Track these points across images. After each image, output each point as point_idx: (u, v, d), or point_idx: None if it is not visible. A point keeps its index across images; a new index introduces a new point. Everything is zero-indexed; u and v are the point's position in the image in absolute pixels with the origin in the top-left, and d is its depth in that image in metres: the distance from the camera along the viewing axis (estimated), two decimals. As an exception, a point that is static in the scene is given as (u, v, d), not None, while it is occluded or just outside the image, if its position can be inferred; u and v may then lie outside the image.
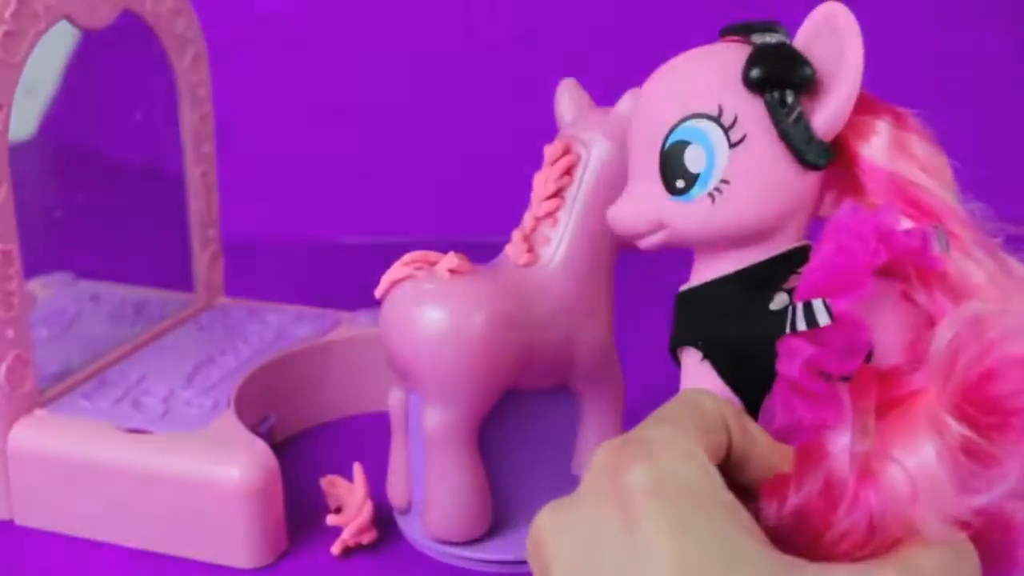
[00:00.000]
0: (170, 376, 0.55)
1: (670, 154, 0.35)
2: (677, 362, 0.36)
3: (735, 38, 0.36)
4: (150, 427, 0.50)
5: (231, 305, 0.64)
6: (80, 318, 0.62)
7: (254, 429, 0.53)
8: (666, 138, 0.35)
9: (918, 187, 0.35)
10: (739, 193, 0.35)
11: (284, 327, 0.60)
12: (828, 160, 0.35)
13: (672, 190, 0.35)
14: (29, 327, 0.50)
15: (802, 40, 0.35)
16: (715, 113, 0.35)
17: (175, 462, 0.48)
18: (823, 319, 0.32)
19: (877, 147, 0.35)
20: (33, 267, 0.55)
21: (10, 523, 0.51)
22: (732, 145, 0.34)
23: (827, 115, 0.35)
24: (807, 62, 0.35)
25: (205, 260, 0.63)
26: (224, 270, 0.65)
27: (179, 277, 0.63)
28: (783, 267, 0.36)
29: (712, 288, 0.36)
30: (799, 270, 0.35)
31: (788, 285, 0.35)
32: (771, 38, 0.35)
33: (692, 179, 0.35)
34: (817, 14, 0.35)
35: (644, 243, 0.37)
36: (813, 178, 0.35)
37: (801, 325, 0.32)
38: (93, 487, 0.49)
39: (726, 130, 0.34)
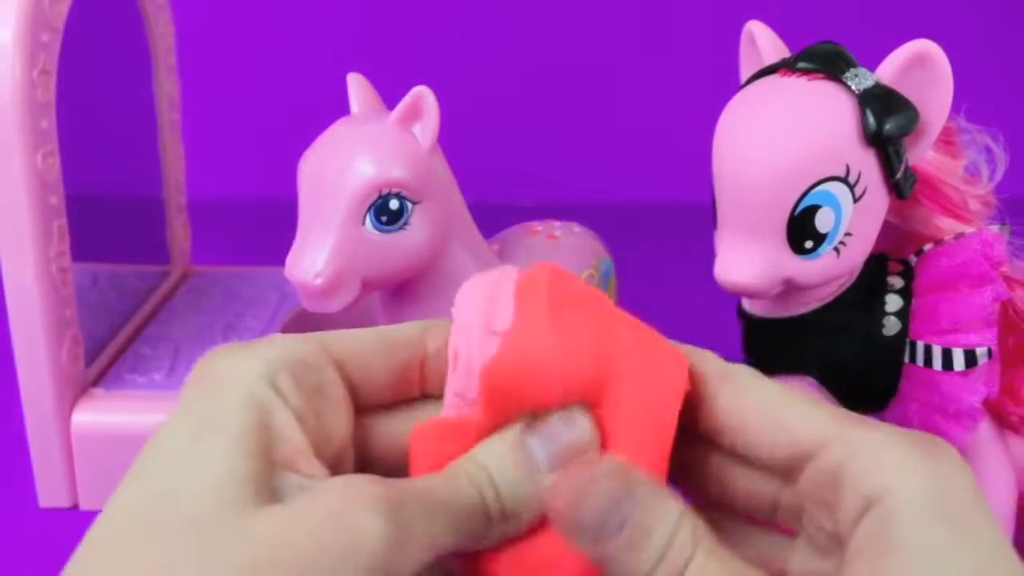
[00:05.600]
0: (206, 343, 0.55)
1: (801, 219, 0.34)
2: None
3: (820, 76, 0.34)
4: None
5: (212, 271, 0.64)
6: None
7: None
8: (796, 204, 0.34)
9: (948, 185, 0.37)
10: (858, 242, 0.35)
11: (280, 286, 0.61)
12: (914, 187, 0.35)
13: (799, 250, 0.34)
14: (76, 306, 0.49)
15: (890, 76, 0.34)
16: (843, 174, 0.34)
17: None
18: (984, 359, 0.35)
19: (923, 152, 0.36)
20: None
21: (74, 509, 0.50)
22: (856, 200, 0.34)
23: (918, 152, 0.35)
24: (916, 109, 0.34)
25: (178, 229, 0.63)
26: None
27: (151, 248, 0.62)
28: (874, 279, 0.37)
29: (819, 315, 0.37)
30: (890, 281, 0.37)
31: (889, 308, 0.37)
32: (864, 79, 0.34)
33: (821, 239, 0.34)
34: (909, 51, 0.34)
35: (763, 295, 0.36)
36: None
37: (959, 366, 0.35)
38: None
39: (851, 187, 0.34)
